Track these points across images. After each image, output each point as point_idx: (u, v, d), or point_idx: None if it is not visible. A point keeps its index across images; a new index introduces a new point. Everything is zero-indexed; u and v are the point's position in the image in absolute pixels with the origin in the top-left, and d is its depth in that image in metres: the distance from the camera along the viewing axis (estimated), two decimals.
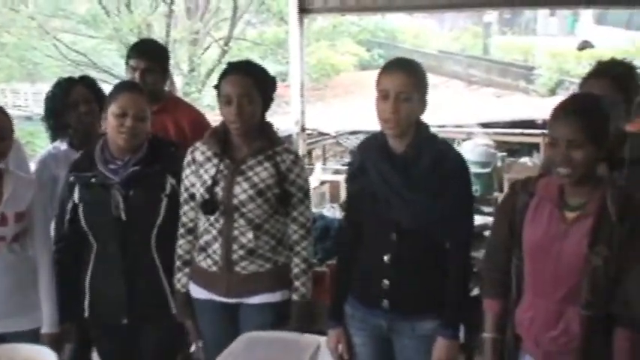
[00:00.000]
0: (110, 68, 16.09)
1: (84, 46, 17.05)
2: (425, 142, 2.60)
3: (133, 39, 13.57)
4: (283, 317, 2.91)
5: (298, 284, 2.93)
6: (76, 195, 2.99)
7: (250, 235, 2.87)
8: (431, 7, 7.61)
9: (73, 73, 11.02)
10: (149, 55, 3.65)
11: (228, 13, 17.47)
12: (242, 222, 2.86)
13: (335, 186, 5.65)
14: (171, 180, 3.00)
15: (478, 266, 2.96)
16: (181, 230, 3.00)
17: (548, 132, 2.36)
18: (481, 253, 2.95)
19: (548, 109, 2.39)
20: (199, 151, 2.95)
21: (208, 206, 2.86)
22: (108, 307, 3.02)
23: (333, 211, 4.75)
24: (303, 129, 7.33)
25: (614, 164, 2.42)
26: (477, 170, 6.07)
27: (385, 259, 2.63)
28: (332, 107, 17.27)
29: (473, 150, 6.70)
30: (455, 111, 13.05)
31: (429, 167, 2.56)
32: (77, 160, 3.09)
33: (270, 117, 3.01)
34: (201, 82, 16.88)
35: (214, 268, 2.92)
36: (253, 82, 2.82)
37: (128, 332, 3.03)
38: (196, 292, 2.99)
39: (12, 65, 17.80)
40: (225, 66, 2.96)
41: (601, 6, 10.98)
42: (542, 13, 21.39)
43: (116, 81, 6.75)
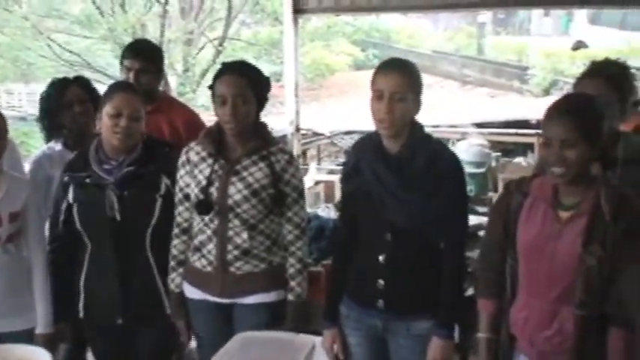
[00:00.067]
0: (104, 68, 16.05)
1: (78, 46, 17.01)
2: (419, 142, 2.60)
3: (127, 39, 13.55)
4: (278, 317, 2.90)
5: (294, 284, 2.93)
6: (70, 195, 2.99)
7: (245, 235, 2.86)
8: (425, 7, 7.62)
9: (67, 73, 10.97)
10: (143, 55, 3.65)
11: (222, 13, 17.45)
12: (237, 222, 2.85)
13: (330, 186, 5.66)
14: (165, 180, 2.99)
15: (473, 266, 2.97)
16: (176, 230, 3.00)
17: (541, 132, 2.37)
18: (476, 253, 2.96)
19: (542, 109, 2.39)
20: (194, 151, 2.95)
21: (203, 206, 2.86)
22: (102, 308, 3.01)
23: (327, 211, 4.75)
24: (297, 129, 7.32)
25: (608, 164, 2.43)
26: (471, 170, 6.08)
27: (380, 259, 2.64)
28: (326, 107, 17.27)
29: (467, 150, 6.70)
30: (449, 111, 13.05)
31: (424, 167, 2.56)
32: (71, 160, 3.09)
33: (265, 117, 3.00)
34: (196, 83, 16.85)
35: (209, 269, 2.92)
36: (248, 83, 2.81)
37: (123, 332, 3.03)
38: (191, 292, 2.99)
39: (6, 66, 17.77)
40: (219, 66, 2.95)
41: (595, 6, 11.00)
42: (537, 13, 21.44)
43: (110, 81, 6.70)
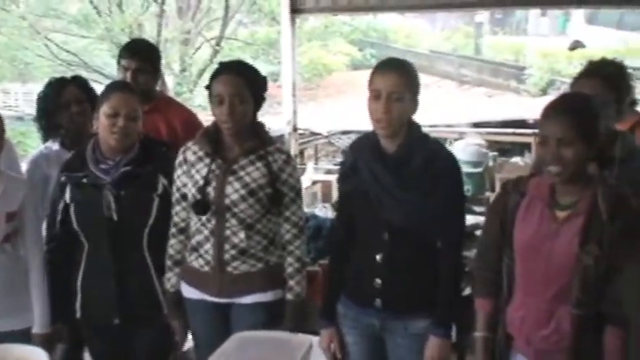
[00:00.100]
0: (101, 68, 16.02)
1: (75, 46, 16.96)
2: (417, 142, 2.60)
3: (124, 39, 13.52)
4: (275, 317, 2.90)
5: (293, 283, 2.93)
6: (67, 195, 2.98)
7: (242, 235, 2.86)
8: (422, 7, 7.60)
9: (64, 73, 10.98)
10: (141, 55, 3.65)
11: (219, 12, 17.41)
12: (234, 222, 2.85)
13: (327, 186, 5.65)
14: (163, 180, 2.99)
15: (470, 265, 2.97)
16: (173, 230, 2.99)
17: (538, 131, 2.37)
18: (473, 252, 2.96)
19: (539, 109, 2.39)
20: (191, 150, 2.94)
21: (200, 206, 2.86)
22: (99, 308, 3.01)
23: (325, 211, 4.75)
24: (295, 129, 7.32)
25: (605, 163, 2.43)
26: (468, 170, 6.07)
27: (377, 258, 2.64)
28: (324, 107, 17.25)
29: (464, 150, 6.70)
30: (446, 111, 13.04)
31: (421, 167, 2.56)
32: (69, 160, 3.08)
33: (262, 117, 3.01)
34: (193, 82, 16.82)
35: (206, 268, 2.92)
36: (245, 82, 2.81)
37: (120, 333, 3.02)
38: (188, 292, 2.98)
39: (3, 65, 17.70)
40: (216, 66, 2.95)
41: (592, 6, 11.00)
42: (534, 13, 21.42)
43: (107, 81, 6.74)
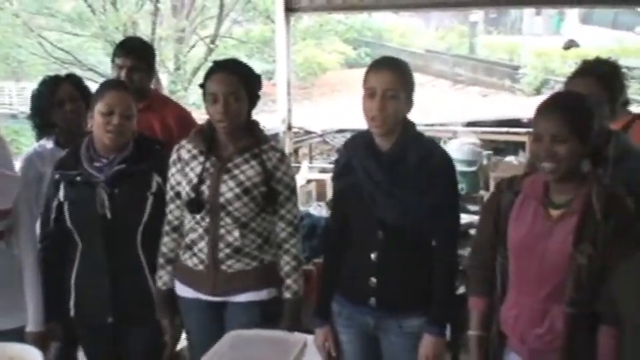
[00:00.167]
0: (95, 66, 15.98)
1: (69, 44, 16.91)
2: (411, 141, 2.61)
3: (118, 37, 13.48)
4: (269, 316, 2.90)
5: (290, 282, 2.93)
6: (61, 193, 2.98)
7: (236, 233, 2.86)
8: (417, 6, 7.59)
9: (58, 71, 10.96)
10: (135, 53, 3.64)
11: (214, 11, 17.40)
12: (228, 220, 2.85)
13: (321, 184, 5.66)
14: (157, 178, 2.99)
15: (464, 264, 2.97)
16: (166, 228, 2.99)
17: (532, 128, 2.38)
18: (467, 251, 2.96)
19: (533, 108, 2.40)
20: (185, 149, 2.94)
21: (194, 205, 2.85)
22: (93, 306, 3.00)
23: (319, 210, 4.77)
24: (289, 127, 7.31)
25: (599, 162, 2.44)
26: (462, 169, 6.09)
27: (372, 256, 2.64)
28: (318, 106, 17.26)
29: (459, 148, 6.72)
30: (441, 110, 13.07)
31: (416, 165, 2.56)
32: (63, 158, 3.08)
33: (257, 115, 3.00)
34: (187, 81, 16.80)
35: (200, 267, 2.91)
36: (239, 80, 2.81)
37: (114, 331, 3.02)
38: (182, 290, 2.98)
39: None
40: (211, 64, 2.94)
41: (587, 5, 11.02)
42: (528, 12, 21.49)
43: (102, 79, 6.73)
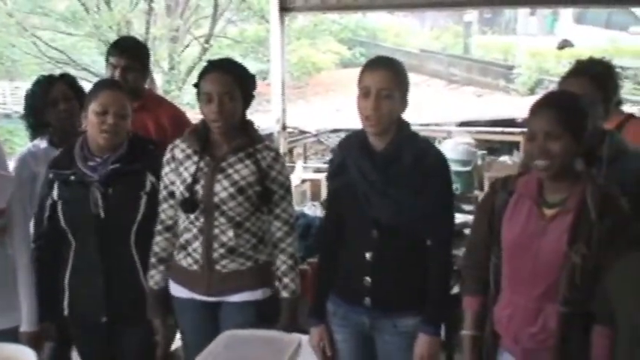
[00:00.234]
0: (89, 66, 15.91)
1: (63, 43, 16.85)
2: (406, 140, 2.61)
3: (112, 36, 13.46)
4: (264, 316, 2.89)
5: (287, 281, 2.92)
6: (55, 192, 2.97)
7: (231, 233, 2.85)
8: (412, 5, 7.59)
9: (51, 70, 10.95)
10: (129, 52, 3.64)
11: (208, 10, 17.35)
12: (222, 220, 2.85)
13: (316, 184, 5.65)
14: (150, 178, 2.98)
15: (458, 264, 2.97)
16: (159, 227, 2.98)
17: (526, 127, 2.38)
18: (461, 251, 2.97)
19: (527, 108, 2.40)
20: (179, 148, 2.93)
21: (188, 204, 2.85)
22: (87, 306, 3.00)
23: (314, 209, 4.76)
24: (284, 127, 7.30)
25: (592, 161, 2.44)
26: (457, 168, 6.08)
27: (367, 256, 2.64)
28: (313, 105, 17.24)
29: (453, 148, 6.71)
30: (436, 110, 13.07)
31: (410, 165, 2.56)
32: (57, 157, 3.07)
33: (251, 115, 3.00)
34: (182, 80, 16.74)
35: (195, 267, 2.91)
36: (234, 80, 2.81)
37: (108, 331, 3.01)
38: (177, 290, 2.97)
39: None
40: (205, 64, 2.94)
41: (581, 5, 11.04)
42: (523, 12, 21.48)
43: (95, 79, 6.72)
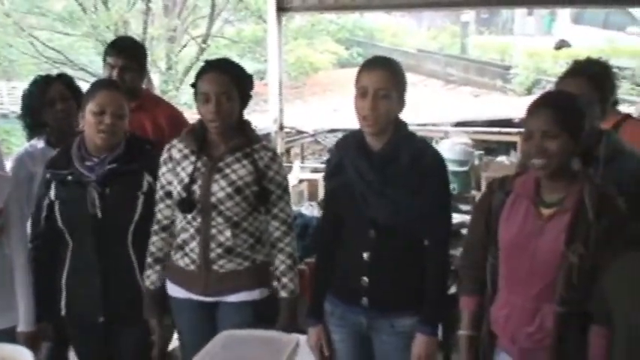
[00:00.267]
0: (87, 66, 15.89)
1: (60, 43, 16.82)
2: (403, 140, 2.61)
3: (109, 36, 13.43)
4: (262, 316, 2.89)
5: (286, 280, 2.92)
6: (52, 192, 2.97)
7: (228, 233, 2.85)
8: (409, 5, 7.58)
9: (49, 70, 10.93)
10: (127, 52, 3.64)
11: (205, 10, 17.33)
12: (220, 220, 2.84)
13: (313, 184, 5.65)
14: (148, 178, 2.98)
15: (455, 264, 2.97)
16: (155, 227, 2.98)
17: (524, 127, 2.38)
18: (459, 251, 2.97)
19: (525, 108, 2.41)
20: (176, 148, 2.93)
21: (186, 204, 2.84)
22: (84, 306, 3.00)
23: (311, 209, 4.76)
24: (281, 127, 7.30)
25: (589, 162, 2.44)
26: (454, 168, 6.09)
27: (364, 256, 2.64)
28: (310, 105, 17.24)
29: (451, 148, 6.72)
30: (433, 110, 13.07)
31: (407, 165, 2.56)
32: (54, 157, 3.07)
33: (249, 115, 3.00)
34: (179, 80, 16.72)
35: (192, 267, 2.91)
36: (231, 80, 2.81)
37: (105, 331, 3.01)
38: (174, 290, 2.97)
39: None
40: (202, 64, 2.94)
41: (578, 5, 11.04)
42: (520, 12, 21.50)
43: (93, 79, 6.70)
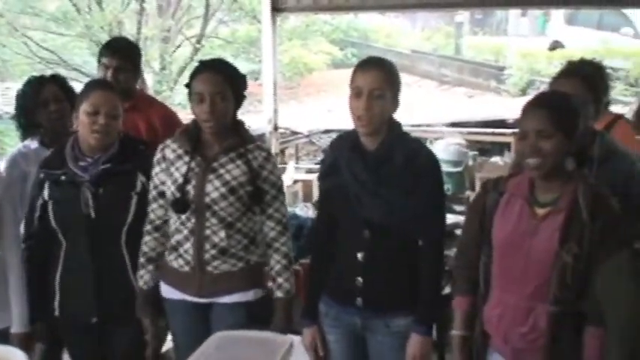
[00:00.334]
0: (80, 66, 15.86)
1: (54, 43, 16.78)
2: (397, 140, 2.61)
3: (103, 37, 13.43)
4: (256, 317, 2.88)
5: (281, 280, 2.91)
6: (45, 192, 2.96)
7: (222, 233, 2.85)
8: (403, 6, 7.61)
9: (42, 71, 10.92)
10: (121, 53, 3.64)
11: (200, 10, 17.31)
12: (214, 221, 2.84)
13: (308, 185, 5.65)
14: (141, 178, 2.98)
15: (450, 264, 2.98)
16: (148, 227, 2.97)
17: (518, 127, 2.39)
18: (453, 251, 2.97)
19: (519, 109, 2.41)
20: (170, 148, 2.93)
21: (179, 205, 2.84)
22: (78, 306, 2.99)
23: (306, 210, 4.76)
24: (275, 128, 7.31)
25: (583, 162, 2.45)
26: (448, 169, 6.11)
27: (359, 256, 2.64)
28: (305, 106, 17.25)
29: (445, 149, 6.74)
30: (427, 110, 13.09)
31: (401, 165, 2.56)
32: (48, 157, 3.07)
33: (243, 116, 2.99)
34: (173, 81, 16.69)
35: (186, 268, 2.90)
36: (225, 80, 2.80)
37: (99, 331, 3.00)
38: (168, 292, 2.97)
39: None
40: (196, 64, 2.93)
41: (572, 6, 11.06)
42: (514, 13, 21.54)
43: (86, 79, 6.69)
